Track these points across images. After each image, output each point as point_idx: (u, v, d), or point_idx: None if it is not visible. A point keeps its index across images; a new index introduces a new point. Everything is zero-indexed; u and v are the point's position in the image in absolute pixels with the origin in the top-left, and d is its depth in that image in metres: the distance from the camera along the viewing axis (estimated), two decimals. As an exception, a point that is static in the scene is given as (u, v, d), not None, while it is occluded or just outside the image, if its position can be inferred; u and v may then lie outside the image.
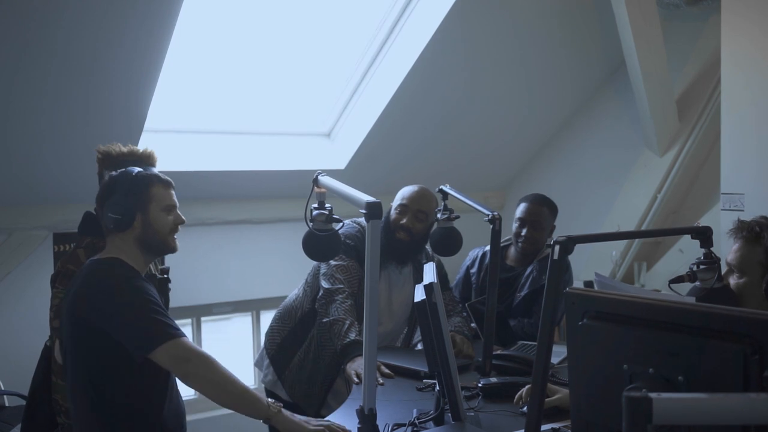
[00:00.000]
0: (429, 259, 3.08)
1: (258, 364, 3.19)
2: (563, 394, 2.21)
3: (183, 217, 2.31)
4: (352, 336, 2.68)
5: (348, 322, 2.73)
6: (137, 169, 2.27)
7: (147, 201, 2.22)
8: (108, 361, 2.12)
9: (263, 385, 3.13)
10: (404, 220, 2.97)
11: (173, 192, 2.30)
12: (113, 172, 2.29)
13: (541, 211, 3.31)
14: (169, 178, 2.30)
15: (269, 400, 2.08)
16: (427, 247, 3.10)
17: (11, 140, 3.31)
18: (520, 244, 3.32)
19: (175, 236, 2.30)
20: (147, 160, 2.60)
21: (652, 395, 1.00)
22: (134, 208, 2.20)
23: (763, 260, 2.24)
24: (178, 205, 2.31)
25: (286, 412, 2.08)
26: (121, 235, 2.22)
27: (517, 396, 2.34)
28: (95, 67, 3.18)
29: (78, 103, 3.29)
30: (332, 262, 2.89)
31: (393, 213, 3.02)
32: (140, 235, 2.22)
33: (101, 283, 2.15)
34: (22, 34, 2.91)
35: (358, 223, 3.01)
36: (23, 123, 3.26)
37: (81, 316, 2.13)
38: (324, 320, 2.82)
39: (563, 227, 3.03)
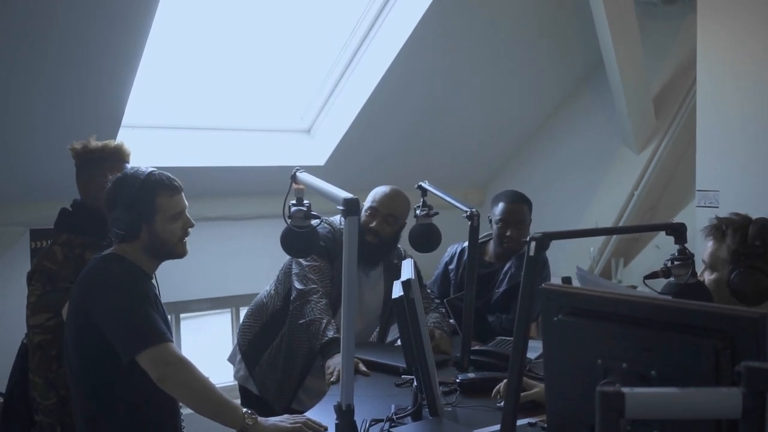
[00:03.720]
0: (401, 258, 3.06)
1: (231, 359, 3.19)
2: (540, 389, 2.22)
3: (192, 221, 2.27)
4: (330, 334, 2.67)
5: (325, 321, 2.72)
6: (142, 176, 2.16)
7: (152, 212, 2.16)
8: (103, 355, 2.10)
9: (236, 381, 3.12)
10: (373, 224, 2.94)
11: (181, 196, 2.23)
12: (118, 175, 2.21)
13: (522, 208, 3.32)
14: (176, 183, 2.22)
15: (245, 410, 2.07)
16: (400, 245, 3.10)
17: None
18: (505, 245, 3.31)
19: (185, 240, 2.26)
20: (117, 154, 2.58)
21: (625, 390, 1.01)
22: (138, 220, 2.14)
23: (726, 257, 2.28)
24: (187, 206, 2.26)
25: (261, 420, 2.07)
26: (128, 242, 2.18)
27: (494, 391, 2.35)
28: (71, 64, 3.15)
29: (54, 99, 3.25)
30: (304, 263, 2.87)
31: (363, 215, 2.96)
32: (147, 244, 2.19)
33: (102, 279, 2.13)
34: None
35: (329, 224, 2.99)
36: (-2, 118, 3.23)
37: (81, 309, 2.13)
38: (300, 321, 2.79)
39: (543, 224, 3.04)
